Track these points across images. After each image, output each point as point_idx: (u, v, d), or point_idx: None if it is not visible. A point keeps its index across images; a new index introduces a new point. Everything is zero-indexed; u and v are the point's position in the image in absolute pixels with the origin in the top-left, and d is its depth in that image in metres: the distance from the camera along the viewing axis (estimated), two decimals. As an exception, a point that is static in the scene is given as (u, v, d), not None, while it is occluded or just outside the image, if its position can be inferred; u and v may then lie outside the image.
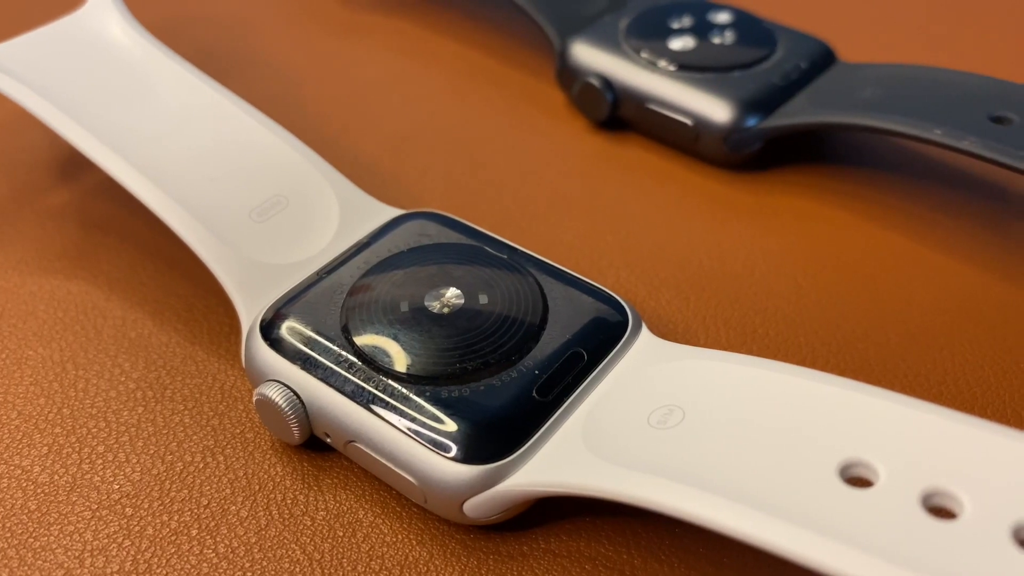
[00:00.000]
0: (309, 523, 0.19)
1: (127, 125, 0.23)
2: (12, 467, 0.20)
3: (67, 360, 0.22)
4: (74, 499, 0.19)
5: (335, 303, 0.20)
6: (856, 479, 0.15)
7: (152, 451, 0.20)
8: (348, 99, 0.31)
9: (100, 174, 0.23)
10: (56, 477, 0.19)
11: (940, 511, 0.14)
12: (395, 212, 0.23)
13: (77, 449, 0.20)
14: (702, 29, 0.29)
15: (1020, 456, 0.15)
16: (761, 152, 0.27)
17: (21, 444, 0.20)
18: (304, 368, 0.19)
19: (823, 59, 0.28)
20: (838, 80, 0.28)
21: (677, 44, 0.28)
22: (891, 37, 0.34)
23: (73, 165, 0.28)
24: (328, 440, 0.19)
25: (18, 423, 0.20)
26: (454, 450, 0.17)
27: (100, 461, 0.20)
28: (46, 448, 0.20)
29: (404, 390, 0.18)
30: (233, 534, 0.18)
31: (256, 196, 0.22)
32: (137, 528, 0.18)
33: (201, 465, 0.20)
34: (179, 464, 0.20)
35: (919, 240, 0.25)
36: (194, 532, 0.18)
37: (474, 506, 0.17)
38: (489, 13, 0.35)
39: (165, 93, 0.25)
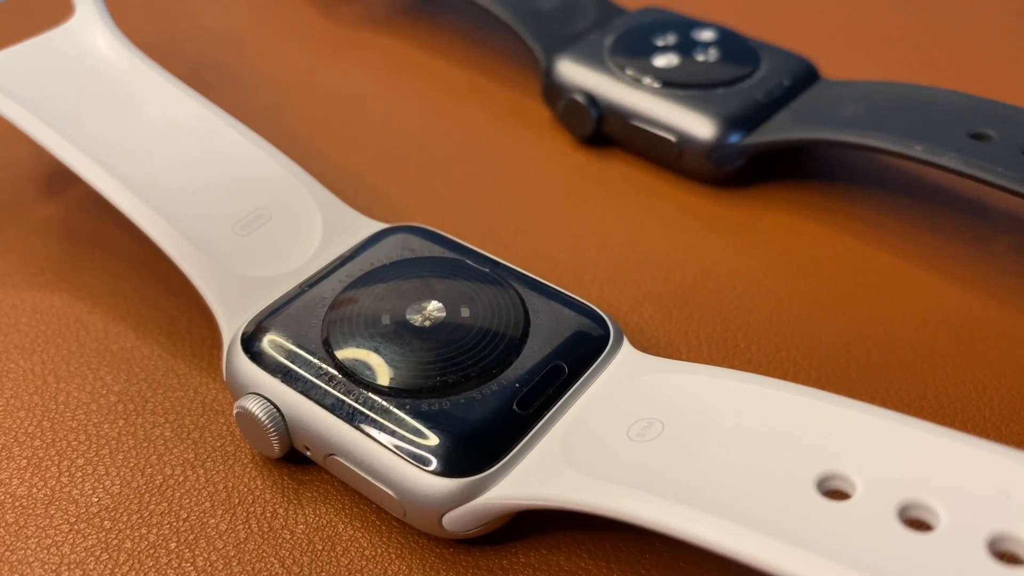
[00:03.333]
0: (288, 536, 0.18)
1: (112, 138, 0.24)
2: (-10, 480, 0.20)
3: (48, 373, 0.22)
4: (52, 512, 0.19)
5: (316, 316, 0.20)
6: (834, 491, 0.15)
7: (132, 464, 0.20)
8: (335, 114, 0.31)
9: (85, 187, 0.23)
10: (35, 490, 0.19)
11: (916, 523, 0.14)
12: (379, 226, 0.23)
13: (56, 462, 0.20)
14: (686, 47, 0.29)
15: (996, 468, 0.15)
16: (744, 168, 0.27)
17: (0, 457, 0.20)
18: (284, 381, 0.19)
19: (806, 76, 0.29)
20: (821, 97, 0.28)
21: (661, 61, 0.28)
22: (874, 54, 0.35)
23: (59, 178, 0.28)
24: (308, 453, 0.19)
25: (-3, 436, 0.20)
26: (434, 463, 0.17)
27: (79, 474, 0.20)
28: (25, 461, 0.20)
29: (384, 403, 0.18)
30: (212, 547, 0.18)
31: (240, 209, 0.22)
32: (115, 541, 0.18)
33: (181, 478, 0.19)
34: (159, 477, 0.20)
35: (900, 255, 0.25)
36: (172, 545, 0.18)
37: (453, 519, 0.17)
38: (475, 30, 0.36)
39: (150, 107, 0.25)
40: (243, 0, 0.38)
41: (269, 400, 0.19)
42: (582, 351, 0.19)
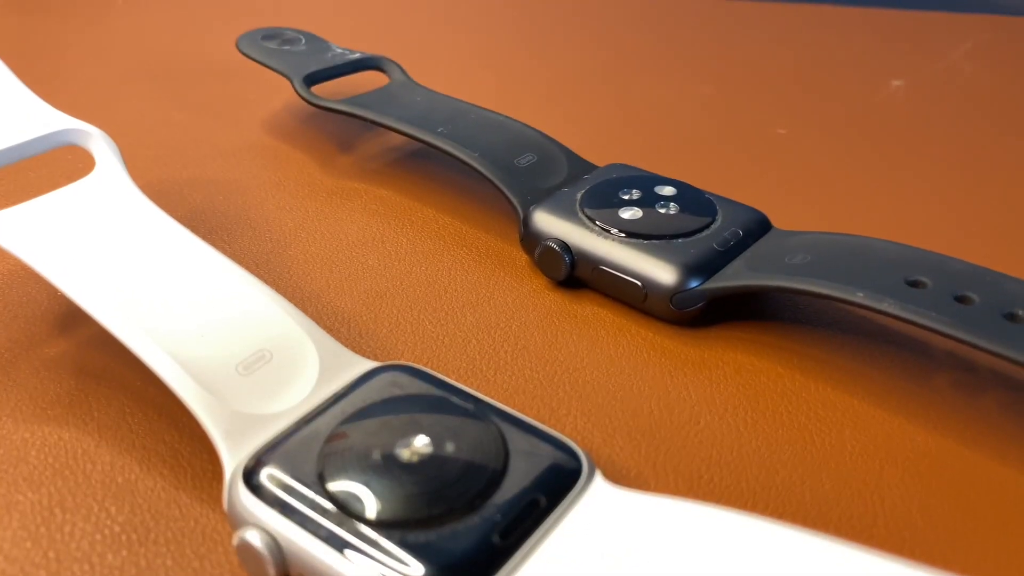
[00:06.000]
0: (281, 663, 0.20)
1: (124, 283, 0.26)
2: (-2, 610, 0.21)
3: (55, 504, 0.23)
4: (57, 641, 0.20)
5: (312, 451, 0.22)
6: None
7: (134, 593, 0.21)
8: (329, 258, 0.34)
9: (95, 326, 0.24)
10: (40, 619, 0.20)
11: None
12: (370, 364, 0.25)
13: (61, 592, 0.21)
14: (649, 201, 0.32)
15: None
16: (704, 310, 0.30)
17: (8, 587, 0.21)
18: (282, 513, 0.20)
19: (759, 227, 0.31)
20: (772, 246, 0.30)
21: (627, 214, 0.31)
22: (821, 207, 0.38)
23: (70, 317, 0.30)
24: (303, 582, 0.20)
25: (4, 567, 0.21)
26: (420, 592, 0.18)
27: (83, 603, 0.21)
28: (31, 591, 0.21)
29: (374, 535, 0.19)
30: (208, 675, 0.19)
31: (242, 351, 0.24)
32: (116, 669, 0.19)
33: (180, 607, 0.21)
34: (159, 606, 0.21)
35: (848, 391, 0.28)
36: (171, 673, 0.19)
37: (437, 645, 0.18)
38: (460, 182, 0.39)
39: (160, 252, 0.27)
40: (245, 151, 0.41)
41: (267, 531, 0.20)
42: (557, 484, 0.21)
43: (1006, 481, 0.24)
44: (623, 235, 0.30)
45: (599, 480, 0.22)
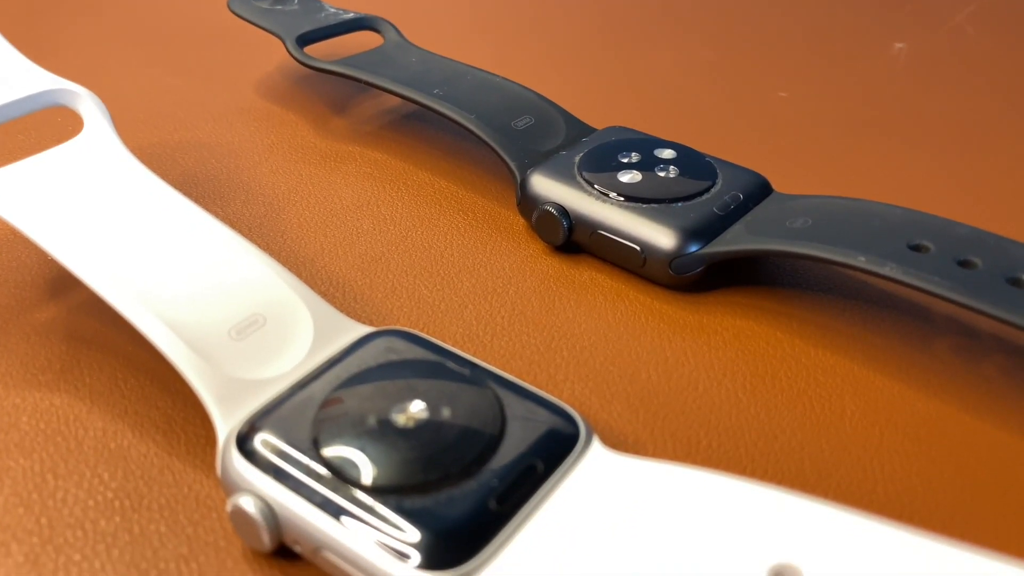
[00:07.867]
0: (277, 629, 0.19)
1: (114, 247, 0.25)
2: (-10, 576, 0.20)
3: (47, 470, 0.23)
4: (50, 607, 0.20)
5: (307, 416, 0.21)
6: (784, 582, 0.17)
7: (127, 559, 0.21)
8: (324, 222, 0.33)
9: (86, 291, 0.24)
10: (33, 585, 0.20)
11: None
12: (365, 329, 0.25)
13: (53, 558, 0.21)
14: (648, 164, 0.31)
15: (939, 562, 0.17)
16: (703, 275, 0.29)
17: None
18: (276, 479, 0.20)
19: (760, 191, 0.31)
20: (773, 210, 0.30)
21: (625, 177, 0.31)
22: (822, 171, 0.38)
23: (60, 282, 0.29)
24: (297, 548, 0.20)
25: (-3, 532, 0.21)
26: (416, 558, 0.18)
27: (76, 570, 0.20)
28: (23, 557, 0.21)
29: (369, 501, 0.19)
30: (203, 640, 0.19)
31: (235, 315, 0.24)
32: (110, 635, 0.19)
33: (175, 573, 0.20)
34: (153, 572, 0.20)
35: (849, 357, 0.27)
36: (165, 638, 0.19)
37: (433, 610, 0.18)
38: (456, 145, 0.38)
39: (151, 216, 0.27)
40: (237, 114, 0.41)
41: (261, 497, 0.20)
42: (555, 449, 0.21)
43: (1007, 446, 0.24)
44: (622, 199, 0.30)
45: (597, 445, 0.21)
